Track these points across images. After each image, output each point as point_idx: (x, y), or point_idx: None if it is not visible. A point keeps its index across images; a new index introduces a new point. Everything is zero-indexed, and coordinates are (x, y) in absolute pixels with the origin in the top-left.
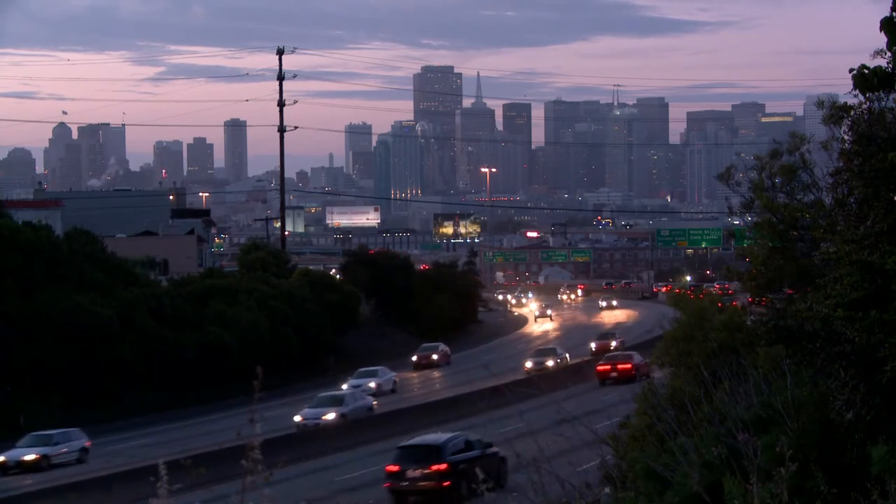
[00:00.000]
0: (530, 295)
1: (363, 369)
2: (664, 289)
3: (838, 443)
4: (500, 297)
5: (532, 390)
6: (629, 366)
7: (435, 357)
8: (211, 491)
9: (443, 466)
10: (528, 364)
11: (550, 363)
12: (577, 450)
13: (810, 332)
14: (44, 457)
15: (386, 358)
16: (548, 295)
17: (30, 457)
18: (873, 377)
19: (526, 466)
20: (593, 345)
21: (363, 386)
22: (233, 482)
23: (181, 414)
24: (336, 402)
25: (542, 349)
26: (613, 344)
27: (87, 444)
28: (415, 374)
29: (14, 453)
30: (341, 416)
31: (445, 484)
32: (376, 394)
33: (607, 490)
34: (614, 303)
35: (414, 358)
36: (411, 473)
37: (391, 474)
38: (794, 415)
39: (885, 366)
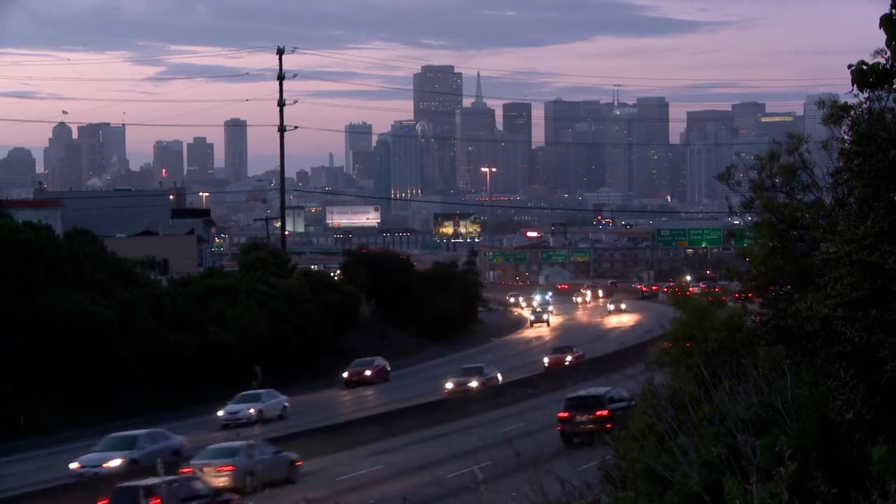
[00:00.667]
0: (548, 297)
1: (245, 392)
2: (666, 289)
3: (838, 443)
4: (512, 300)
5: (532, 390)
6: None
7: (368, 373)
8: None
9: (605, 412)
10: (449, 384)
11: (474, 384)
12: (577, 449)
13: (810, 332)
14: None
15: (386, 358)
16: (564, 295)
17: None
18: (873, 377)
19: (526, 466)
20: (546, 359)
21: (241, 412)
22: None
23: (181, 414)
24: (127, 444)
25: (468, 368)
26: (569, 359)
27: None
28: (345, 393)
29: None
30: (131, 461)
31: (608, 426)
32: (259, 421)
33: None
34: (623, 306)
35: (345, 375)
36: (580, 418)
37: (563, 420)
38: (794, 415)
39: (885, 366)
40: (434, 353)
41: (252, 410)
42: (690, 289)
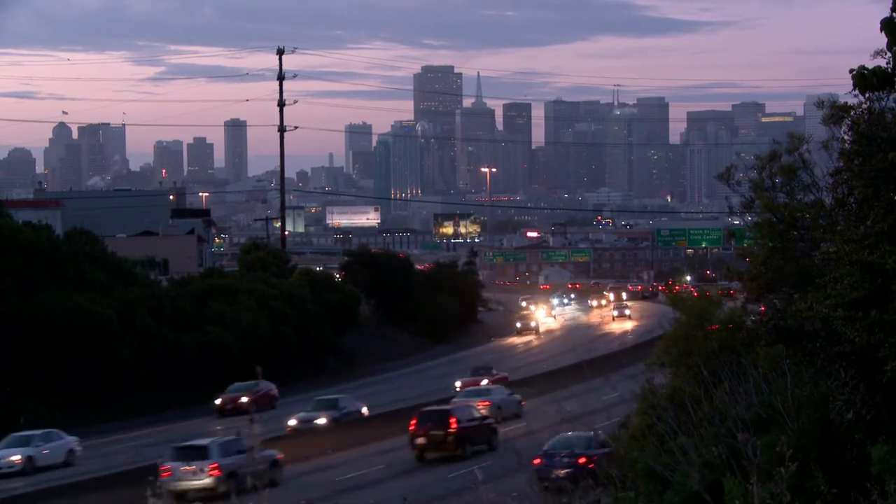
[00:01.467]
0: (566, 302)
1: (15, 435)
2: (662, 287)
3: (838, 443)
4: (524, 303)
5: (531, 389)
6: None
7: (245, 400)
8: None
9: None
10: (292, 421)
11: (323, 420)
12: None
13: (810, 332)
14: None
15: (386, 358)
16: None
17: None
18: (873, 377)
19: (526, 466)
20: (458, 383)
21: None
22: None
23: (181, 414)
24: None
25: (323, 399)
26: (485, 382)
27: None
28: (217, 423)
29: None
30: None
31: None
32: (23, 472)
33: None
34: (627, 311)
35: (217, 401)
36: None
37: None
38: (794, 415)
39: (885, 366)
40: (434, 353)
41: (17, 457)
42: (684, 287)
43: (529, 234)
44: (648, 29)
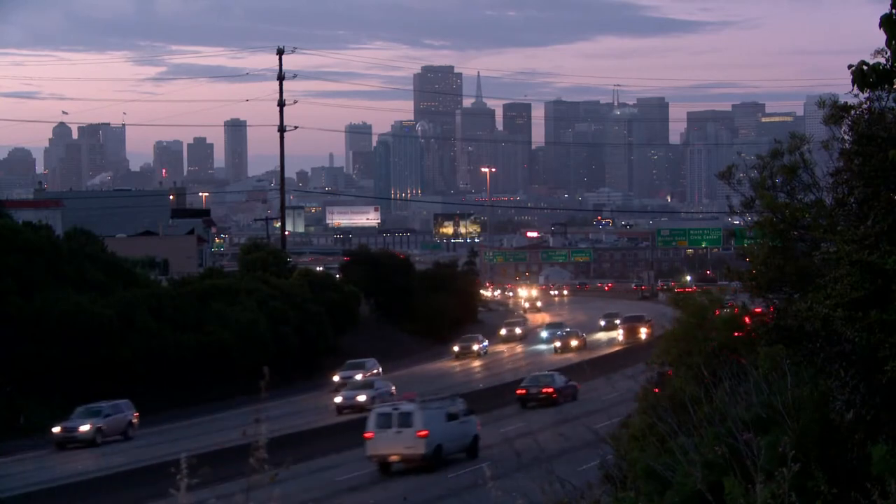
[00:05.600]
0: (560, 333)
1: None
2: (660, 287)
3: (838, 443)
4: (505, 332)
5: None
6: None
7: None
8: (214, 490)
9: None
10: (337, 399)
11: (363, 398)
12: (577, 450)
13: (810, 332)
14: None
15: (386, 358)
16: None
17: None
18: (873, 377)
19: (527, 466)
20: (339, 399)
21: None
22: (235, 482)
23: (181, 414)
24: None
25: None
26: (363, 398)
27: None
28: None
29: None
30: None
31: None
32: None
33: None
34: (617, 321)
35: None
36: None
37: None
38: (794, 415)
39: (885, 366)
40: (434, 353)
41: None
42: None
43: (529, 234)
44: (649, 29)
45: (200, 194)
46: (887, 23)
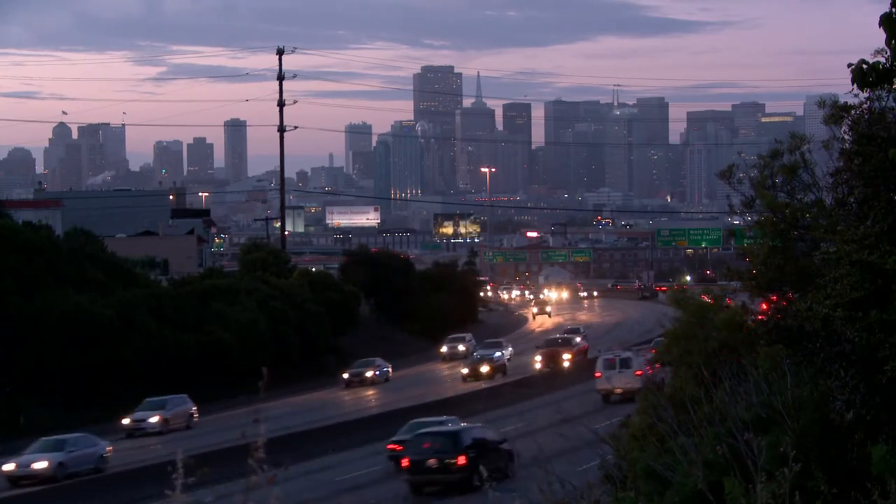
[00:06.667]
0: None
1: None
2: (658, 287)
3: (838, 443)
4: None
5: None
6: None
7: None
8: (214, 490)
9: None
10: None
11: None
12: (577, 450)
13: (810, 332)
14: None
15: (386, 358)
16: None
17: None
18: (873, 377)
19: (527, 466)
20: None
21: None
22: (234, 482)
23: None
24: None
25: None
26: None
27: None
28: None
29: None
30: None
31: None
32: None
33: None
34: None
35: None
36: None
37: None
38: (794, 415)
39: (885, 366)
40: (433, 354)
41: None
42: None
43: (529, 234)
44: (649, 29)
45: (200, 194)
46: (887, 22)
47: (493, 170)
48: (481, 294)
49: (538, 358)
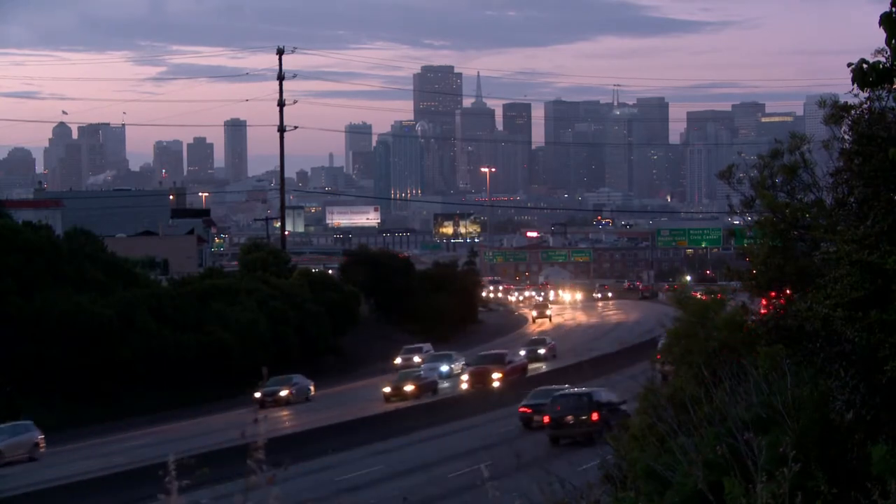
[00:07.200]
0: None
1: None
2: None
3: (838, 443)
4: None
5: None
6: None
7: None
8: (213, 491)
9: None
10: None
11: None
12: (577, 449)
13: (810, 332)
14: None
15: (386, 358)
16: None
17: None
18: (873, 377)
19: (527, 466)
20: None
21: None
22: (234, 482)
23: (181, 414)
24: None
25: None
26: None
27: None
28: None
29: None
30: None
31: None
32: None
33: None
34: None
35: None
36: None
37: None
38: (794, 415)
39: (885, 366)
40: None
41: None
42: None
43: (529, 234)
44: (649, 29)
45: (200, 194)
46: (887, 21)
47: (493, 170)
48: (483, 294)
49: (464, 377)
